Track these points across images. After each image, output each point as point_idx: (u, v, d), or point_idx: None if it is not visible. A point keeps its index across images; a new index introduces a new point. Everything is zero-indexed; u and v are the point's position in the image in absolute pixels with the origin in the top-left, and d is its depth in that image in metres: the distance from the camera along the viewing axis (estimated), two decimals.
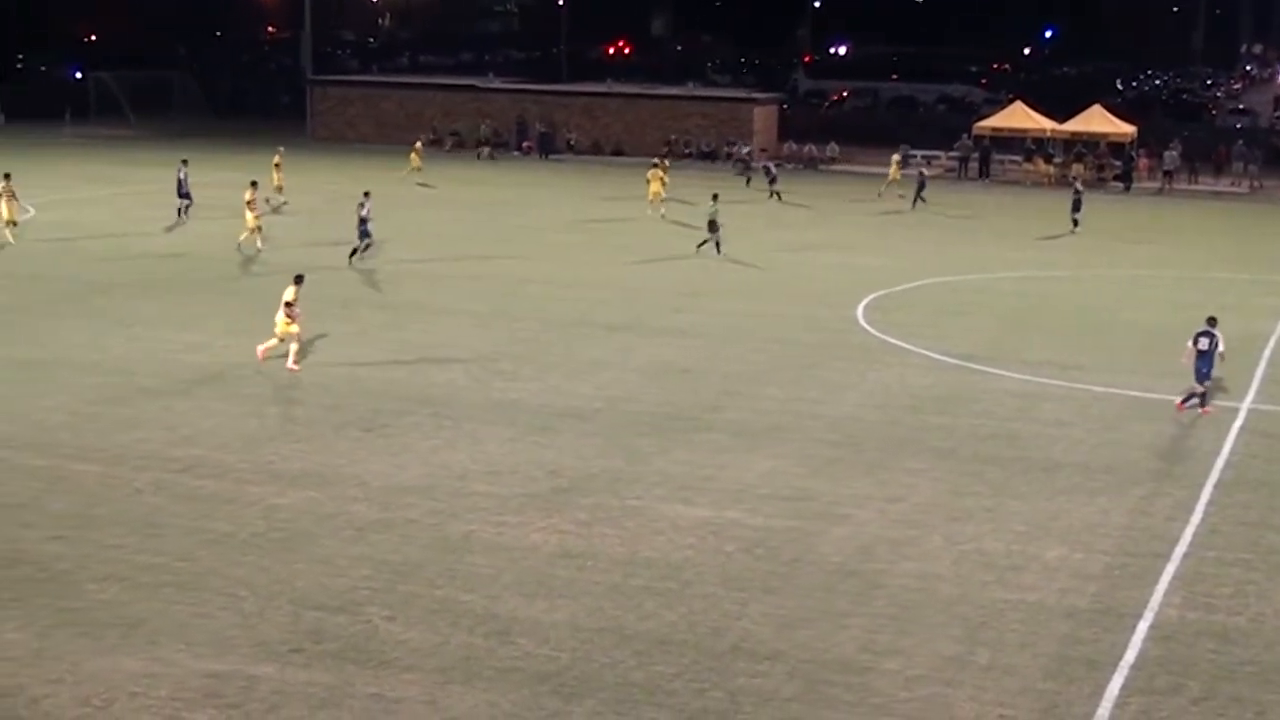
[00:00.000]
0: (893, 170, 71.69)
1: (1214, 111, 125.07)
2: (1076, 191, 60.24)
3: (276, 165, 59.57)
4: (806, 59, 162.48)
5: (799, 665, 18.43)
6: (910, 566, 21.99)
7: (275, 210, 56.70)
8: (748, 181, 71.78)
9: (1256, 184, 79.44)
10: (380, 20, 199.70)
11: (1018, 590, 21.17)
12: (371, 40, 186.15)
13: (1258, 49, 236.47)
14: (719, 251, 49.43)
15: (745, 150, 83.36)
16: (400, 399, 30.60)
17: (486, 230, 55.70)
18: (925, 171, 68.24)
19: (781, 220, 56.70)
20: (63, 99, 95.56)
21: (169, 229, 53.24)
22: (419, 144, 75.75)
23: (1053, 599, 20.88)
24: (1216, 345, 31.05)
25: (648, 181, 61.22)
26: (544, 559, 21.84)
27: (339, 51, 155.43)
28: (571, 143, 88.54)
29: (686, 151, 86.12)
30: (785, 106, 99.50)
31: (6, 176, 48.32)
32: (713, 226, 49.66)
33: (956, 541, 23.11)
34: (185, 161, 56.71)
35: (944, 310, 42.28)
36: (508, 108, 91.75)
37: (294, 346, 32.64)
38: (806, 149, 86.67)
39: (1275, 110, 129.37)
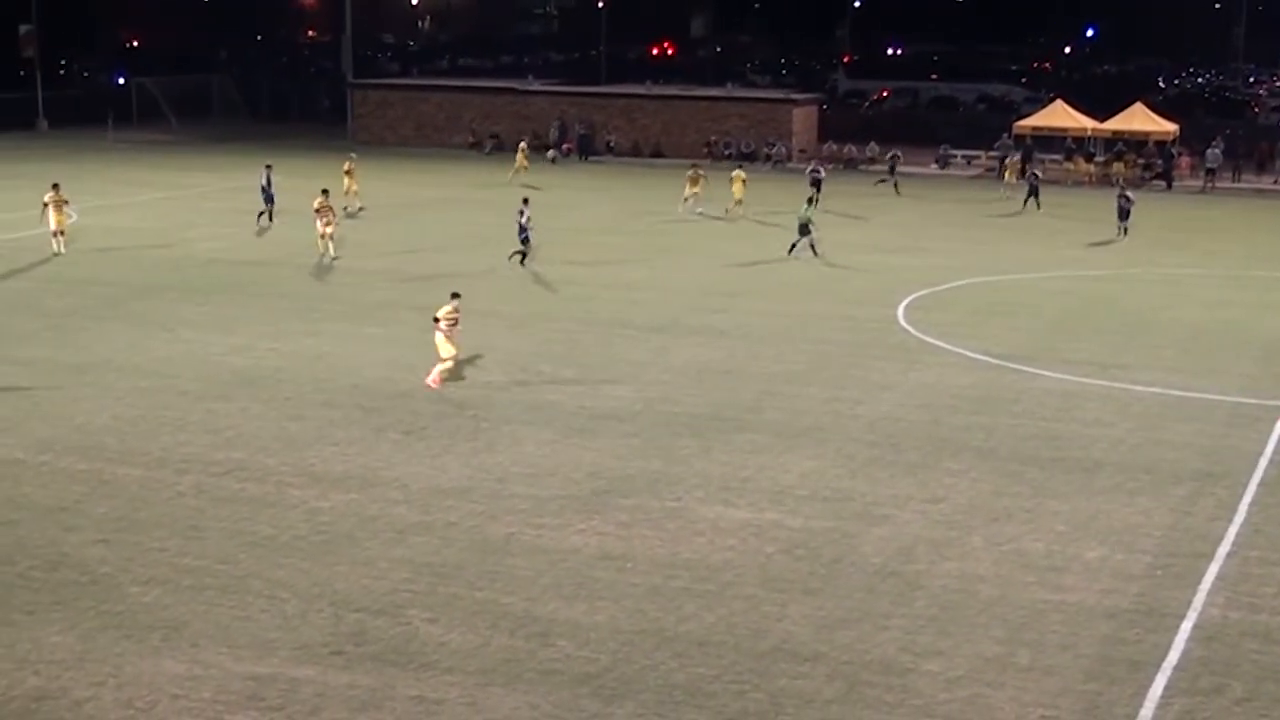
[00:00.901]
0: (1008, 174, 73.09)
1: (1256, 109, 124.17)
2: (1125, 198, 58.21)
3: (347, 172, 59.19)
4: (846, 59, 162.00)
5: (840, 667, 18.43)
6: (950, 567, 21.95)
7: (351, 216, 56.84)
8: (814, 196, 61.81)
9: None
10: (420, 23, 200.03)
11: (1059, 591, 21.10)
12: (411, 43, 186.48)
13: None
14: (816, 253, 49.57)
15: (797, 152, 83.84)
16: (439, 401, 30.68)
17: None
18: (1039, 174, 67.67)
19: (820, 220, 56.49)
20: (106, 105, 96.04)
21: (258, 233, 53.32)
22: (524, 145, 76.49)
23: (1094, 599, 20.81)
24: None
25: (687, 183, 61.70)
26: (584, 561, 21.88)
27: (379, 54, 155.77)
28: (611, 144, 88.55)
29: (727, 153, 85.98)
30: (825, 107, 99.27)
31: (55, 187, 48.25)
32: (804, 229, 49.78)
33: (997, 542, 23.06)
34: (270, 166, 56.55)
35: (984, 310, 42.14)
36: (547, 110, 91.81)
37: (449, 365, 31.99)
38: (846, 149, 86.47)
39: None
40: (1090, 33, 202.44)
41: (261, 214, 54.86)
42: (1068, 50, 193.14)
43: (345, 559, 21.73)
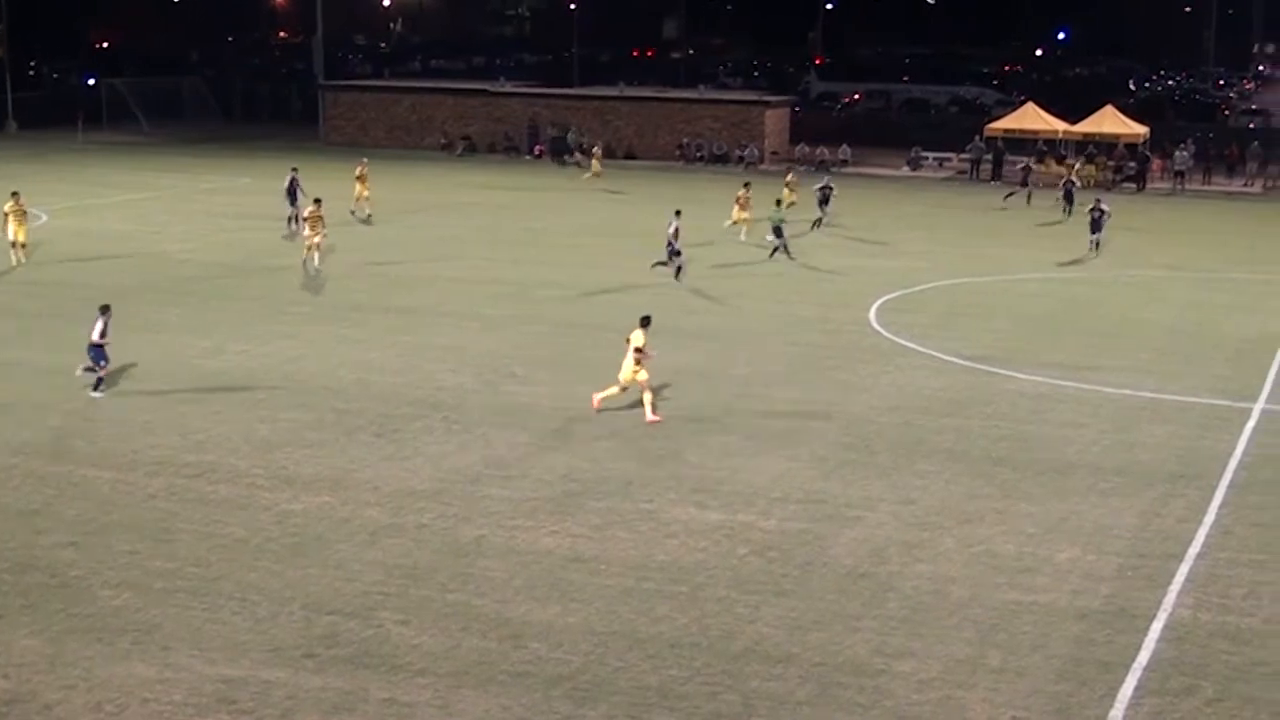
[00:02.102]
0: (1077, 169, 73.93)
1: (1227, 112, 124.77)
2: (1098, 210, 53.54)
3: (359, 177, 58.55)
4: (818, 61, 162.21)
5: (812, 668, 18.44)
6: (922, 569, 21.99)
7: (364, 222, 56.58)
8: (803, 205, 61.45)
9: (1270, 184, 79.27)
10: (391, 25, 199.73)
11: (1030, 592, 21.16)
12: (383, 45, 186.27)
13: (1270, 49, 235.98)
14: (790, 255, 49.90)
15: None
16: (411, 403, 30.64)
17: (497, 235, 55.70)
18: (1075, 181, 67.49)
19: (790, 223, 56.54)
20: (76, 106, 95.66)
21: (285, 238, 52.91)
22: (598, 149, 77.41)
23: (1065, 600, 20.87)
24: None
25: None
26: (556, 563, 21.86)
27: (351, 56, 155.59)
28: (584, 147, 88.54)
29: (699, 155, 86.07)
30: (797, 109, 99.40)
31: (15, 196, 46.68)
32: (778, 231, 49.88)
33: (968, 543, 23.11)
34: (296, 169, 55.66)
35: (956, 312, 42.24)
36: (519, 112, 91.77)
37: (648, 396, 29.88)
38: (819, 151, 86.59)
39: None
40: (1061, 36, 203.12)
41: (290, 218, 53.71)
42: (1039, 53, 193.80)
43: (317, 561, 21.68)
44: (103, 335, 30.66)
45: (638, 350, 29.50)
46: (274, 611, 19.82)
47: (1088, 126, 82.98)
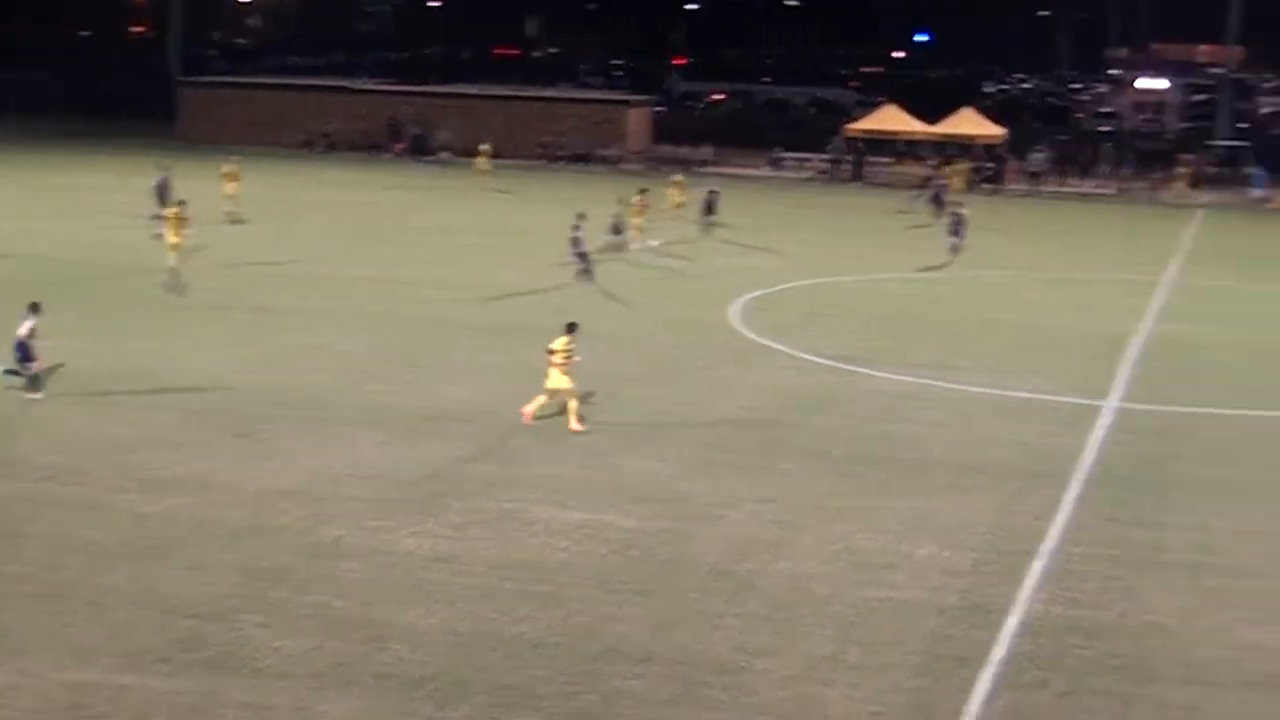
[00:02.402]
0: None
1: (1081, 114, 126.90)
2: (956, 216, 54.12)
3: (227, 175, 57.60)
4: (680, 61, 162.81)
5: (674, 667, 18.48)
6: (784, 566, 22.12)
7: (236, 222, 55.73)
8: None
9: (1124, 185, 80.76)
10: (250, 21, 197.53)
11: (889, 588, 21.37)
12: (241, 41, 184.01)
13: (1122, 52, 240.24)
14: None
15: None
16: (272, 403, 30.31)
17: (360, 233, 55.34)
18: (946, 183, 67.85)
19: (655, 222, 56.70)
20: None
21: (155, 237, 51.43)
22: (486, 147, 76.02)
23: (923, 597, 21.10)
24: None
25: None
26: (418, 563, 21.73)
27: (208, 52, 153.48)
28: (453, 145, 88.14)
29: (560, 154, 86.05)
30: (660, 109, 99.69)
31: None
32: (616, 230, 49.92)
33: (829, 541, 23.28)
34: (168, 168, 54.69)
35: (817, 311, 42.60)
36: (380, 109, 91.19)
37: (573, 404, 29.20)
38: (681, 151, 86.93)
39: (1136, 113, 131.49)
40: (920, 38, 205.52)
41: (155, 217, 52.62)
42: (898, 55, 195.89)
43: (174, 564, 21.37)
44: (30, 334, 29.98)
45: (549, 352, 29.10)
46: (129, 615, 19.49)
47: (946, 128, 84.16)
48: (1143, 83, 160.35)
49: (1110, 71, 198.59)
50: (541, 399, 29.26)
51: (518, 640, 19.11)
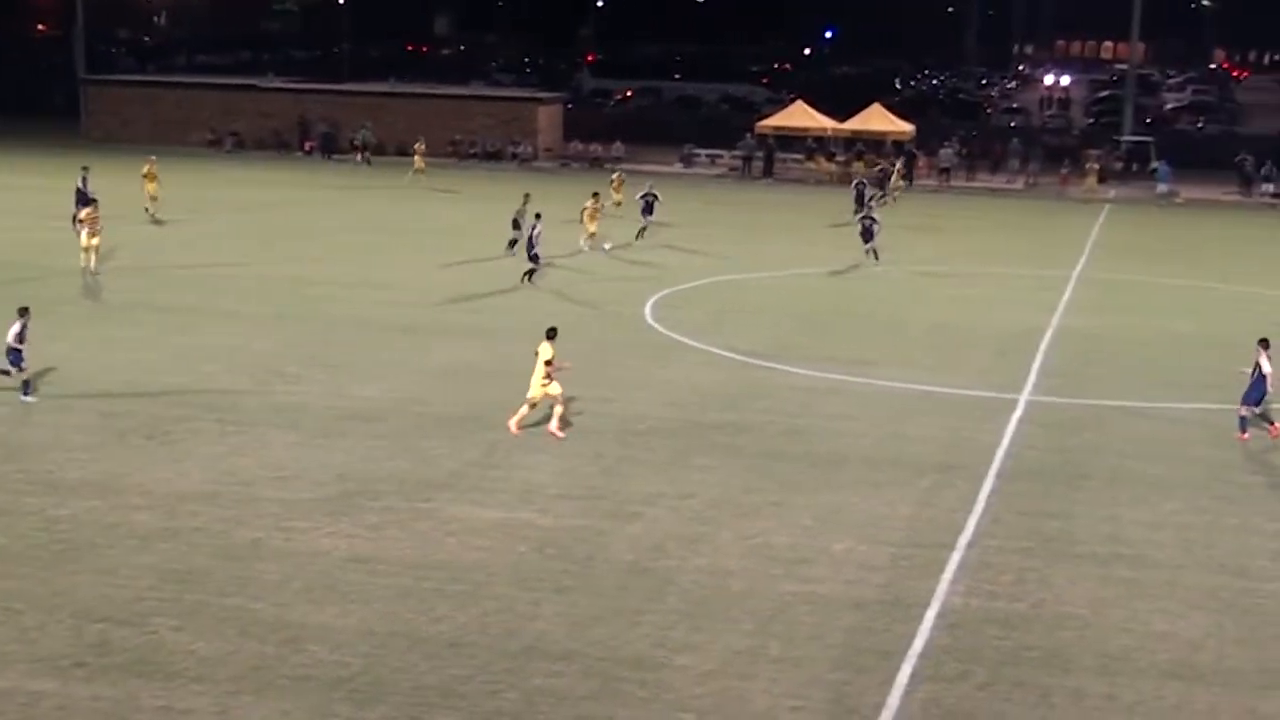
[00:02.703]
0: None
1: (989, 110, 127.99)
2: (870, 219, 52.08)
3: (146, 175, 56.85)
4: (590, 58, 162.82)
5: (593, 664, 18.45)
6: (701, 562, 22.14)
7: (157, 222, 55.01)
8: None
9: (1032, 181, 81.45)
10: (156, 19, 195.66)
11: (807, 583, 21.43)
12: (147, 39, 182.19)
13: (1029, 49, 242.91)
14: (511, 249, 49.25)
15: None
16: (183, 405, 30.01)
17: (268, 232, 54.91)
18: (865, 181, 67.51)
19: (569, 219, 56.61)
20: None
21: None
22: (420, 145, 75.38)
23: (841, 591, 21.18)
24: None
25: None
26: (334, 564, 21.58)
27: (113, 50, 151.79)
28: (355, 143, 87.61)
29: (472, 152, 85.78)
30: (570, 106, 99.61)
31: None
32: (516, 225, 49.46)
33: (746, 536, 23.33)
34: (86, 168, 53.85)
35: (730, 308, 42.66)
36: (289, 107, 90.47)
37: (558, 409, 28.76)
38: (592, 148, 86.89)
39: (1043, 109, 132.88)
40: (829, 34, 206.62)
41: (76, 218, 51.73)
42: (807, 51, 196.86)
43: (86, 568, 21.11)
44: (19, 339, 29.62)
45: (546, 363, 28.39)
46: (41, 620, 19.23)
47: (856, 124, 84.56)
48: (1049, 79, 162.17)
49: (1017, 68, 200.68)
50: (524, 409, 28.72)
51: (436, 640, 19.02)
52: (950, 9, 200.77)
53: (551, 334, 28.90)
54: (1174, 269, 53.28)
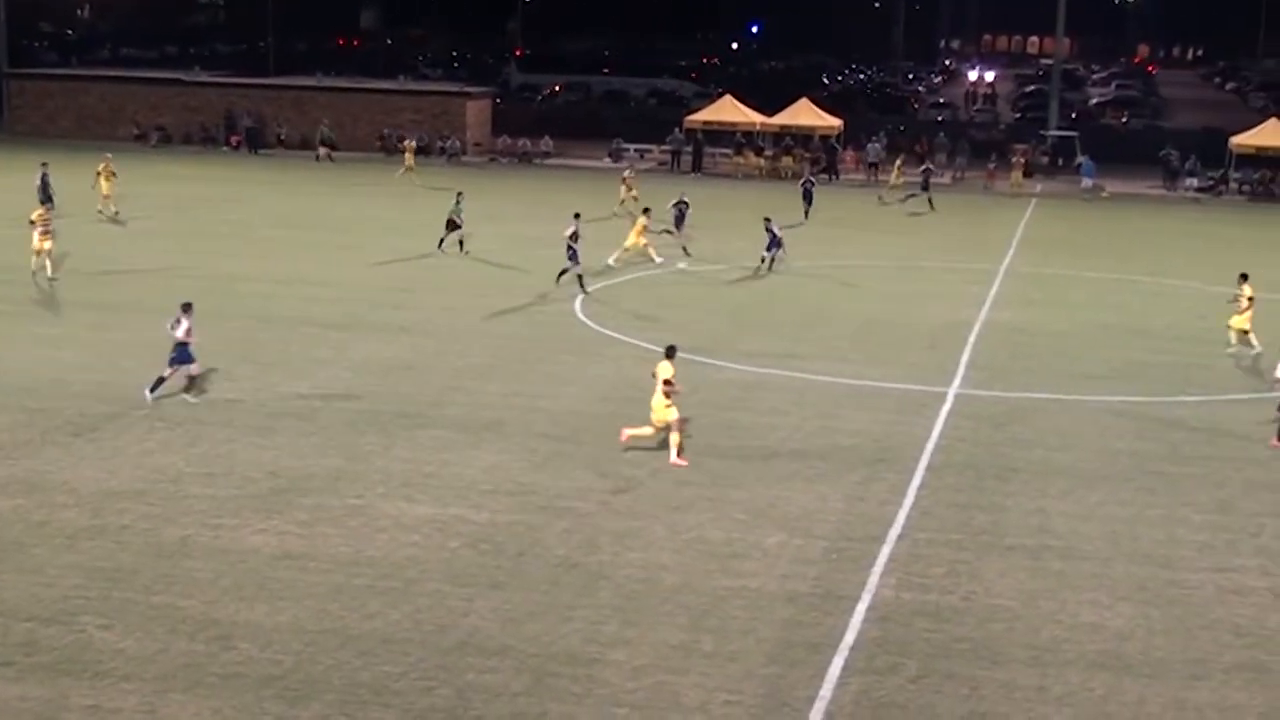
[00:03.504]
0: (894, 175, 72.82)
1: (916, 105, 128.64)
2: (771, 232, 49.18)
3: (100, 173, 56.18)
4: (518, 53, 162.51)
5: (527, 659, 18.43)
6: (634, 557, 22.15)
7: (115, 221, 54.38)
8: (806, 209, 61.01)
9: (959, 175, 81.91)
10: (79, 11, 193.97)
11: (740, 577, 21.47)
12: (70, 32, 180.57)
13: (955, 44, 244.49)
14: (462, 249, 49.10)
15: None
16: (111, 401, 29.74)
17: (196, 228, 54.52)
18: (932, 167, 68.69)
19: (498, 214, 56.56)
20: None
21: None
22: (410, 142, 74.92)
23: (774, 585, 21.24)
24: None
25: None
26: (264, 561, 21.45)
27: (36, 44, 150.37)
28: (281, 137, 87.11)
29: (400, 147, 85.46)
30: (498, 100, 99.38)
31: None
32: (451, 225, 49.11)
33: (679, 531, 23.35)
34: (45, 164, 53.45)
35: (660, 302, 42.66)
36: (215, 101, 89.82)
37: (675, 437, 27.10)
38: (521, 143, 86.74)
39: (969, 104, 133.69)
40: (755, 29, 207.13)
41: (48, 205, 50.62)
42: (735, 46, 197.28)
43: (11, 567, 20.89)
44: (188, 333, 29.57)
45: (666, 383, 26.85)
46: None
47: (784, 118, 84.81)
48: (976, 74, 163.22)
49: (944, 63, 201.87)
50: (647, 430, 27.34)
51: (369, 636, 18.95)
52: (877, 4, 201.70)
53: (670, 353, 27.28)
54: (1100, 263, 53.68)
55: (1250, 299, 37.16)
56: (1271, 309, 40.15)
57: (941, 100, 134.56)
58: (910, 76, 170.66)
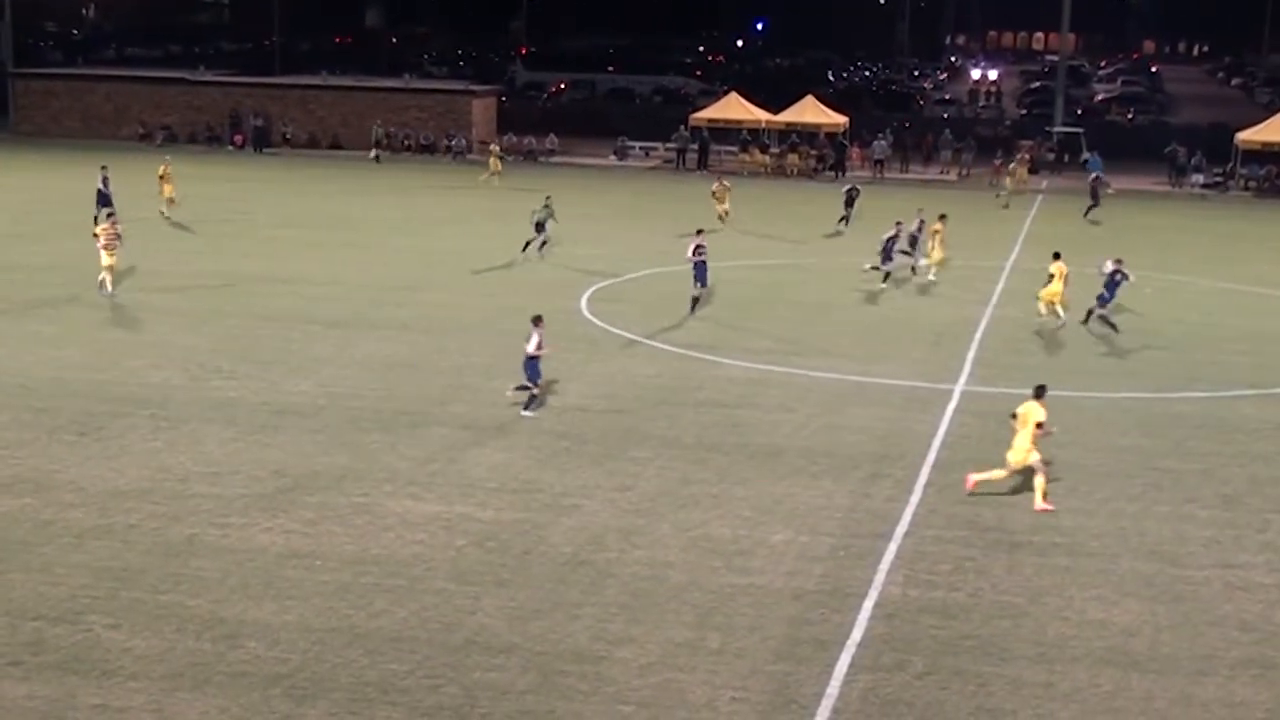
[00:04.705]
0: (1018, 174, 73.98)
1: (921, 102, 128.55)
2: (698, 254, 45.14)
3: (162, 176, 56.30)
4: (523, 51, 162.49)
5: (534, 657, 18.43)
6: (640, 555, 22.15)
7: (173, 225, 54.39)
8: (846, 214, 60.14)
9: (965, 171, 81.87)
10: (84, 11, 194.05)
11: (746, 574, 21.46)
12: (75, 32, 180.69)
13: (960, 40, 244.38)
14: (540, 252, 49.06)
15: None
16: (115, 401, 29.76)
17: (199, 227, 54.51)
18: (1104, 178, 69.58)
19: (502, 212, 56.53)
20: None
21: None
22: (496, 146, 74.76)
23: (780, 582, 21.22)
24: None
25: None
26: (271, 560, 21.46)
27: (42, 43, 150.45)
28: (287, 136, 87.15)
29: (406, 145, 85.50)
30: (503, 99, 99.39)
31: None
32: (540, 227, 48.97)
33: (685, 528, 23.34)
34: (105, 167, 53.56)
35: (665, 300, 42.61)
36: (220, 101, 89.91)
37: (1040, 481, 25.19)
38: (526, 141, 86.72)
39: (975, 100, 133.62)
40: (760, 26, 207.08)
41: (110, 215, 50.19)
42: (740, 43, 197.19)
43: (19, 566, 20.90)
44: (539, 348, 29.58)
45: (1039, 426, 25.02)
46: None
47: (790, 116, 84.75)
48: (981, 71, 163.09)
49: (949, 60, 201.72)
50: (1000, 473, 25.47)
51: (375, 635, 18.95)
52: (882, 1, 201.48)
53: (1040, 393, 25.57)
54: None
55: (1064, 276, 40.34)
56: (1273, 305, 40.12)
57: (947, 97, 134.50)
58: (915, 74, 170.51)
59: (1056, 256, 41.07)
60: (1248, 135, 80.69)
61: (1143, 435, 30.01)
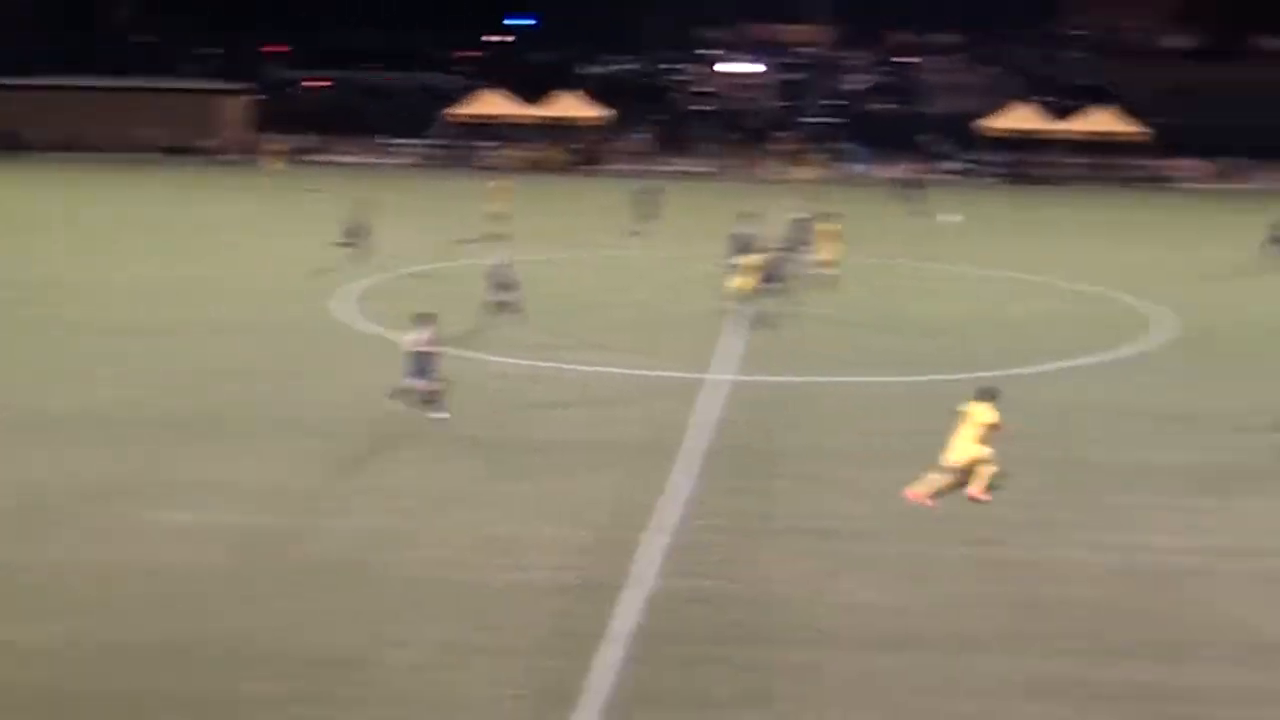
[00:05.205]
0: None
1: (677, 95, 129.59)
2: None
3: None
4: (280, 48, 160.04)
5: (302, 666, 18.03)
6: (409, 555, 21.87)
7: None
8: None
9: (722, 164, 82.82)
10: None
11: (516, 571, 21.31)
12: None
13: (717, 34, 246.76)
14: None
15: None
16: None
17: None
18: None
19: (258, 217, 55.67)
20: None
21: None
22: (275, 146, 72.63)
23: (549, 577, 21.10)
24: None
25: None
26: (22, 575, 20.71)
27: None
28: (30, 140, 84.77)
29: (158, 146, 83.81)
30: (261, 97, 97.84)
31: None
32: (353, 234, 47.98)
33: (454, 528, 23.10)
34: None
35: (427, 298, 42.24)
36: None
37: (987, 469, 24.99)
38: (284, 141, 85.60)
39: (731, 93, 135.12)
40: (524, 21, 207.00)
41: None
42: (497, 39, 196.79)
43: None
44: (429, 344, 29.20)
45: (994, 427, 24.71)
46: None
47: (551, 110, 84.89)
48: (736, 63, 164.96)
49: (702, 52, 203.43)
50: (939, 477, 25.07)
51: (135, 649, 18.38)
52: None
53: (987, 395, 25.14)
54: (869, 247, 54.50)
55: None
56: (1030, 289, 41.12)
57: (703, 89, 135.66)
58: (668, 66, 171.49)
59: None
60: (988, 123, 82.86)
61: (907, 420, 30.45)
